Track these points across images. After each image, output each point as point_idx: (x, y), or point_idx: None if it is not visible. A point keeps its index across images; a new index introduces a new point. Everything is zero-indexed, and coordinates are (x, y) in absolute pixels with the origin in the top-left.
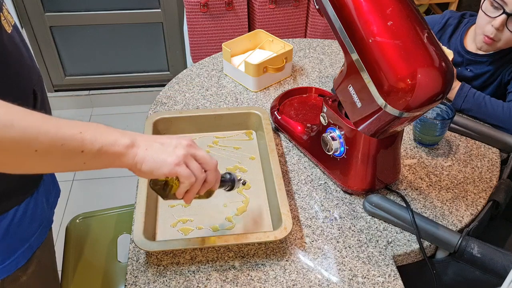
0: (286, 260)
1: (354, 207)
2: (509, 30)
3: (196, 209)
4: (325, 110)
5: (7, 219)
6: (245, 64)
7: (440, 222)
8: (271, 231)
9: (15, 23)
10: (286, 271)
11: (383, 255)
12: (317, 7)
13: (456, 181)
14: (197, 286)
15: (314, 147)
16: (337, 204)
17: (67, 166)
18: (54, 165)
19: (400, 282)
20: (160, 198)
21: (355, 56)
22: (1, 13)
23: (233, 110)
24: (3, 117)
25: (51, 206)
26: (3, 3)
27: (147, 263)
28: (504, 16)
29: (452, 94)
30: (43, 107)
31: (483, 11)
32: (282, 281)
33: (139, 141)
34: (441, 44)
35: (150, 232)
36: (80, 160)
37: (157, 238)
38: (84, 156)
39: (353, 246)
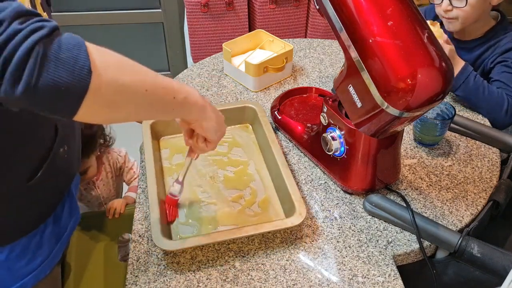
0: (286, 260)
1: (354, 207)
2: (455, 6)
3: (205, 205)
4: (325, 110)
5: (2, 255)
6: (246, 64)
7: (440, 222)
8: (287, 218)
9: None
10: (286, 270)
11: (383, 255)
12: (317, 7)
13: (456, 181)
14: (198, 286)
15: (314, 147)
16: (337, 204)
17: (161, 110)
18: (153, 110)
19: (400, 282)
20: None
21: (355, 56)
22: None
23: (227, 106)
24: (117, 58)
25: (64, 241)
26: None
27: (148, 262)
28: (446, 0)
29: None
30: (65, 142)
31: (429, 1)
32: (282, 280)
33: (206, 100)
34: (437, 24)
35: (166, 232)
36: (170, 106)
37: (173, 237)
38: (175, 102)
39: (353, 245)
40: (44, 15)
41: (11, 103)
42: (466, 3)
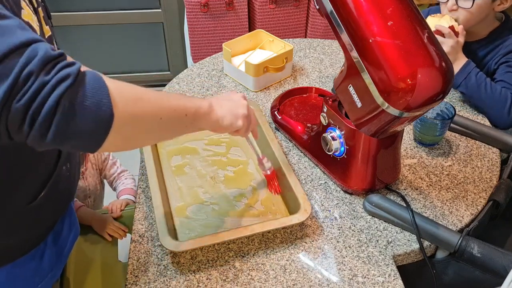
0: (287, 260)
1: (354, 207)
2: (461, 7)
3: (207, 205)
4: (325, 110)
5: (1, 276)
6: (246, 64)
7: (440, 222)
8: (292, 215)
9: None
10: (286, 270)
11: (383, 255)
12: (317, 7)
13: (456, 181)
14: (198, 286)
15: (314, 147)
16: (337, 204)
17: (176, 131)
18: (169, 132)
19: (400, 282)
20: (172, 199)
21: (355, 56)
22: None
23: None
24: (132, 93)
25: (64, 258)
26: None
27: (148, 262)
28: None
29: (455, 69)
30: (68, 160)
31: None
32: (282, 280)
33: (213, 102)
34: (450, 18)
35: (172, 233)
36: (183, 124)
37: (178, 238)
38: (187, 119)
39: (353, 246)
40: (47, 29)
41: (38, 148)
42: (473, 4)
